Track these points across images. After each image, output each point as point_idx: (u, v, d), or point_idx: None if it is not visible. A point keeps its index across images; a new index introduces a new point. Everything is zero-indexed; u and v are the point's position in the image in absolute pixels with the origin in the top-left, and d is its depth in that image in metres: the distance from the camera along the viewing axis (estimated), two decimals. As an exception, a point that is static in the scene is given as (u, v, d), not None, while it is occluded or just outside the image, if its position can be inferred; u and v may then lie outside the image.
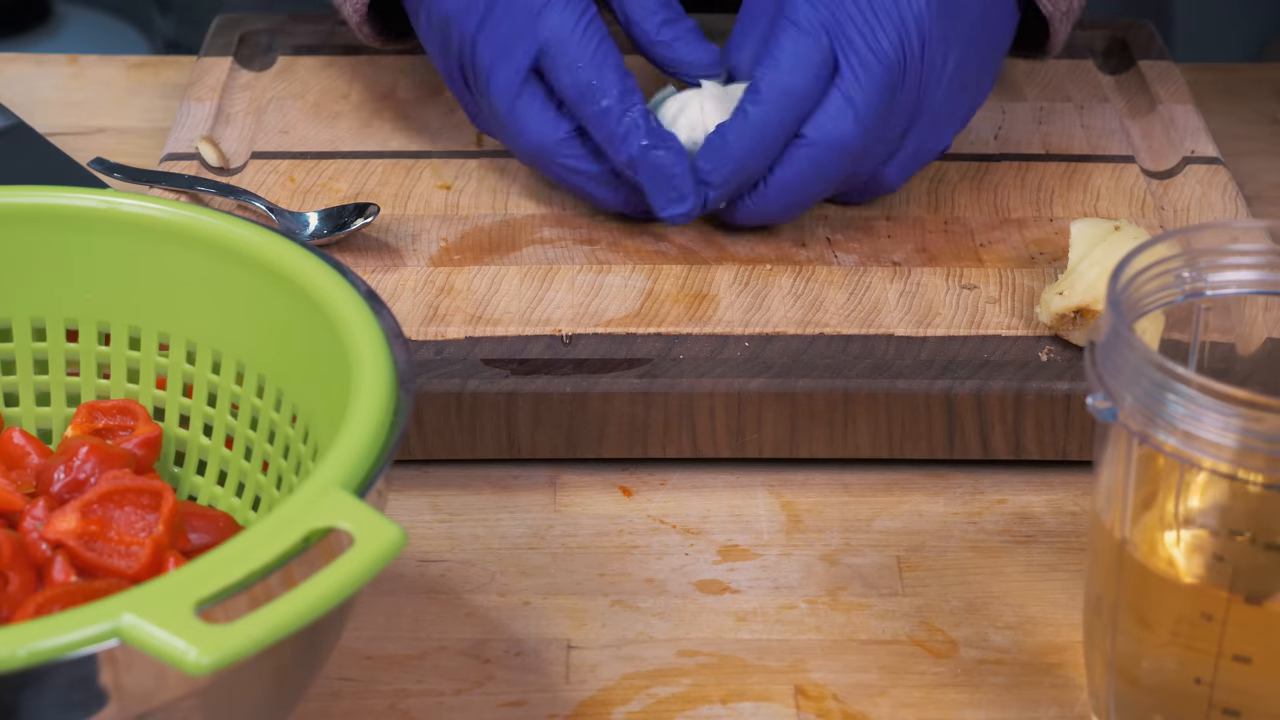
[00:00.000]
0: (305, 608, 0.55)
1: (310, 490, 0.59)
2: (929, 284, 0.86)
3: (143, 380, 0.74)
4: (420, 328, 0.84)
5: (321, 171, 0.95)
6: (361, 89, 1.02)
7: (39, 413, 0.75)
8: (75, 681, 0.55)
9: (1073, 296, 0.81)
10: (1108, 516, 0.65)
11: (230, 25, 1.06)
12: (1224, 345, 0.69)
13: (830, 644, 0.73)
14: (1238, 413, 0.60)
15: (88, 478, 0.69)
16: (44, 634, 0.54)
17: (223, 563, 0.56)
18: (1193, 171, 0.94)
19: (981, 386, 0.80)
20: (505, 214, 0.92)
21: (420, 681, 0.72)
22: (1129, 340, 0.62)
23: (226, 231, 0.71)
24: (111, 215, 0.72)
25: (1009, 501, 0.80)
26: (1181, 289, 0.67)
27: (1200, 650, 0.64)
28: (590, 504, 0.80)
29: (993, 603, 0.75)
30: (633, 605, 0.75)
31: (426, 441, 0.81)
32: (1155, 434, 0.62)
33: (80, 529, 0.65)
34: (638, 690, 0.71)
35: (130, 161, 0.97)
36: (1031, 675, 0.72)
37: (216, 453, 0.73)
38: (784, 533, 0.78)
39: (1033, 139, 0.98)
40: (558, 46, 0.85)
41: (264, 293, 0.70)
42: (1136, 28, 1.05)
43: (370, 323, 0.66)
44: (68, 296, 0.73)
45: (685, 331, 0.83)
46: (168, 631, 0.54)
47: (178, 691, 0.57)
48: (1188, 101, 0.99)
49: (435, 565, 0.77)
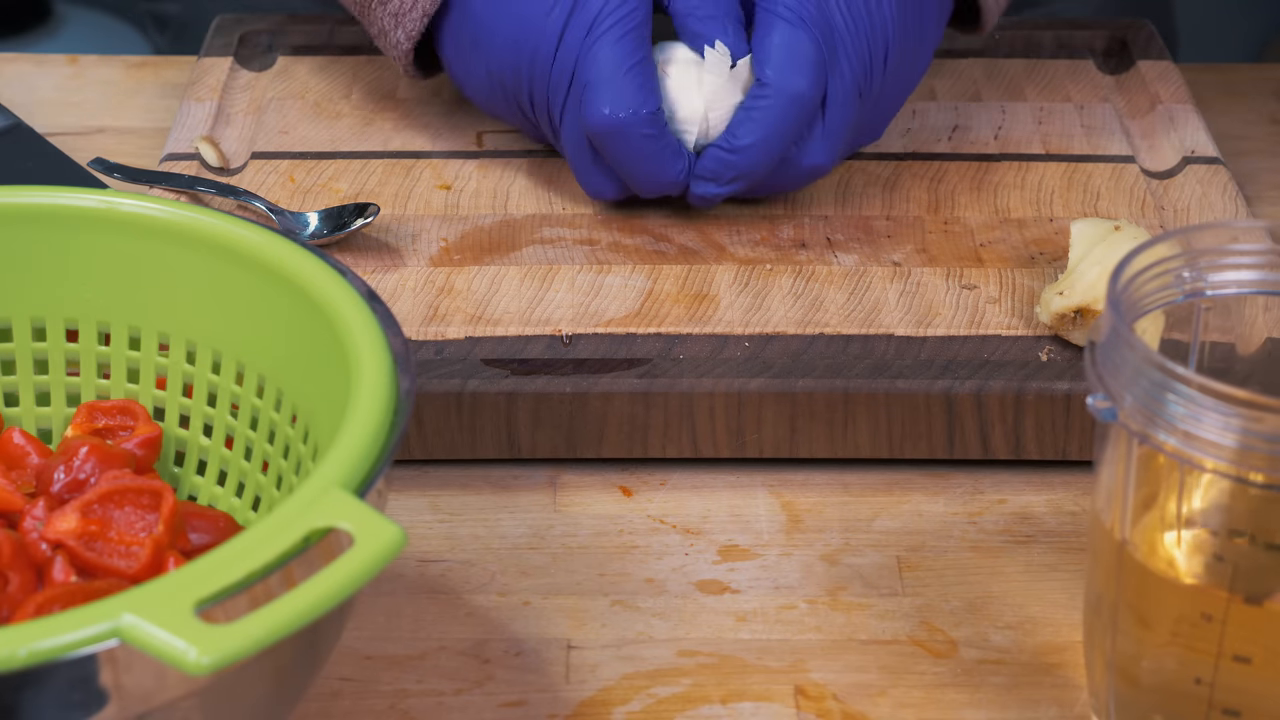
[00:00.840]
0: (305, 608, 0.55)
1: (310, 490, 0.59)
2: (929, 284, 0.86)
3: (143, 380, 0.74)
4: (420, 328, 0.83)
5: (322, 172, 0.95)
6: (362, 89, 1.02)
7: (39, 413, 0.75)
8: (75, 681, 0.55)
9: (1073, 296, 0.81)
10: (1108, 517, 0.65)
11: (230, 25, 1.06)
12: (1224, 345, 0.69)
13: (830, 644, 0.73)
14: (1238, 413, 0.60)
15: (88, 478, 0.69)
16: (44, 634, 0.54)
17: (223, 563, 0.56)
18: (1193, 171, 0.94)
19: (981, 386, 0.80)
20: (505, 214, 0.92)
21: (420, 681, 0.71)
22: (1129, 340, 0.62)
23: (226, 231, 0.71)
24: (111, 215, 0.72)
25: (1009, 501, 0.80)
26: (1182, 289, 0.67)
27: (1200, 650, 0.64)
28: (590, 504, 0.80)
29: (993, 603, 0.75)
30: (633, 605, 0.75)
31: (426, 441, 0.80)
32: (1155, 434, 0.62)
33: (80, 529, 0.65)
34: (638, 690, 0.71)
35: (130, 162, 0.97)
36: (1031, 675, 0.72)
37: (216, 453, 0.73)
38: (784, 533, 0.78)
39: (1033, 139, 0.98)
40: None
41: (264, 293, 0.70)
42: (1136, 28, 1.05)
43: (370, 323, 0.66)
44: (68, 296, 0.73)
45: (685, 331, 0.83)
46: (168, 631, 0.54)
47: (178, 691, 0.57)
48: (1188, 101, 0.99)
49: (435, 565, 0.76)
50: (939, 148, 0.97)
